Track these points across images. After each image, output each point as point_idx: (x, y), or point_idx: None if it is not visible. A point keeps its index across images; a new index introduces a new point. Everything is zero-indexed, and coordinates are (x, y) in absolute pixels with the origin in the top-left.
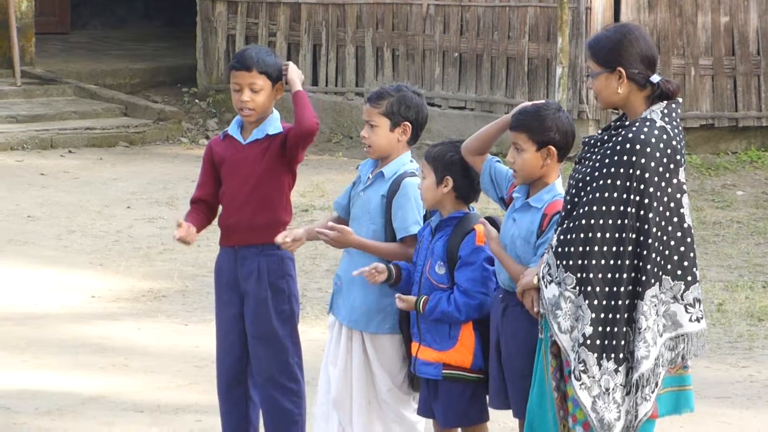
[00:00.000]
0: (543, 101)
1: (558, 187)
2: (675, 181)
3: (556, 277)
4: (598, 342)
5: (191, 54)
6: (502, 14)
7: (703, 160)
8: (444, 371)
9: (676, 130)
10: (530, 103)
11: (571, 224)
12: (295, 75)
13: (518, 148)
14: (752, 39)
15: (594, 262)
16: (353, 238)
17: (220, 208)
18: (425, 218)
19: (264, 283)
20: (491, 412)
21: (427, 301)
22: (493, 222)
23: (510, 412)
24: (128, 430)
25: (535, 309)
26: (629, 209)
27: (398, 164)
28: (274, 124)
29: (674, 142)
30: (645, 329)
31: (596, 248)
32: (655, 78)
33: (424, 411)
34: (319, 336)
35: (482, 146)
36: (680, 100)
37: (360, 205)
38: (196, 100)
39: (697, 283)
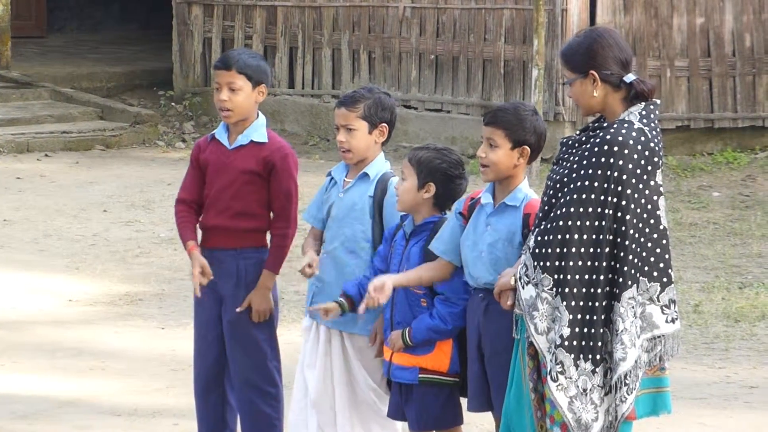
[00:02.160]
0: (519, 101)
1: (525, 188)
2: (652, 183)
3: (533, 278)
4: (575, 343)
5: (167, 57)
6: (478, 16)
7: (679, 161)
8: (420, 375)
9: (654, 132)
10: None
11: (549, 225)
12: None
13: (492, 144)
14: (728, 40)
15: (571, 263)
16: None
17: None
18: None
19: (242, 286)
20: (468, 414)
21: (411, 331)
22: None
23: (486, 414)
24: None
25: (509, 302)
26: (607, 211)
27: (379, 164)
28: (259, 131)
29: (652, 144)
30: (622, 331)
31: (573, 249)
32: (629, 78)
33: (394, 414)
34: (296, 339)
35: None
36: (658, 101)
37: (342, 207)
38: (173, 104)
39: (672, 285)
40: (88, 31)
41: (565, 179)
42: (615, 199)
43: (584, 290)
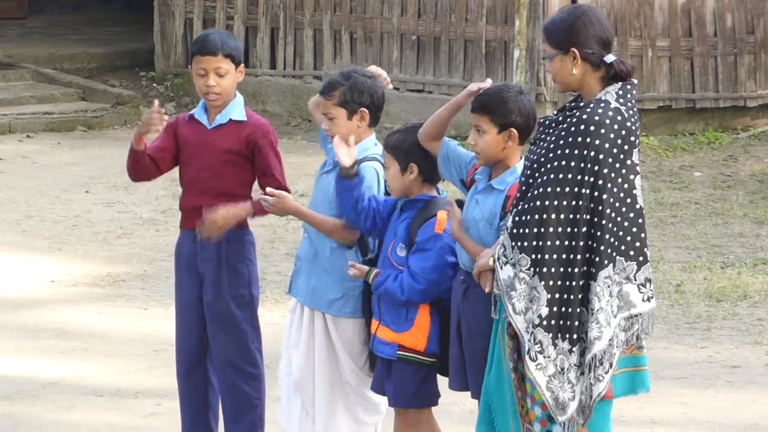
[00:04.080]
0: (504, 83)
1: (520, 169)
2: (629, 162)
3: (511, 259)
4: (553, 322)
5: (149, 38)
6: None
7: (661, 141)
8: (398, 352)
9: (630, 111)
10: (486, 84)
11: (526, 206)
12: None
13: (480, 130)
14: (709, 20)
15: (549, 243)
16: (292, 205)
17: (180, 191)
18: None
19: (223, 266)
20: (451, 393)
21: (377, 275)
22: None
23: (469, 393)
24: (88, 414)
25: (487, 289)
26: (584, 190)
27: (359, 150)
28: (237, 109)
29: (629, 123)
30: (598, 310)
31: (551, 229)
32: (609, 58)
33: (377, 388)
34: (278, 320)
35: (437, 131)
36: (635, 81)
37: (320, 189)
38: (154, 84)
39: (648, 263)
40: (70, 12)
41: (543, 159)
42: (592, 179)
43: (561, 270)
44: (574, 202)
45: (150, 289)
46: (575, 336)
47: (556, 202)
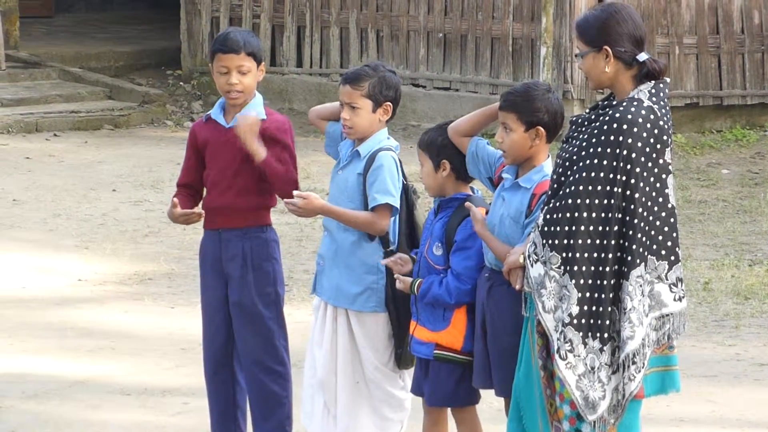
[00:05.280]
0: (533, 81)
1: (547, 167)
2: (661, 161)
3: (542, 256)
4: (584, 321)
5: (176, 36)
6: None
7: (688, 138)
8: (435, 351)
9: (663, 110)
10: (520, 83)
11: (558, 203)
12: (250, 135)
13: (507, 128)
14: (736, 17)
15: (580, 241)
16: (318, 204)
17: (205, 191)
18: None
19: (248, 266)
20: (481, 393)
21: (421, 284)
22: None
23: (493, 391)
24: (115, 413)
25: (518, 286)
26: (616, 189)
27: (374, 142)
28: (257, 108)
29: (661, 122)
30: (630, 309)
31: (582, 228)
32: (642, 56)
33: (416, 389)
34: (305, 318)
35: (470, 129)
36: (668, 80)
37: (338, 184)
38: (181, 83)
39: (680, 263)
40: (96, 11)
41: (575, 157)
42: (624, 178)
43: (593, 268)
44: (605, 201)
45: (177, 287)
46: (606, 335)
47: (587, 201)
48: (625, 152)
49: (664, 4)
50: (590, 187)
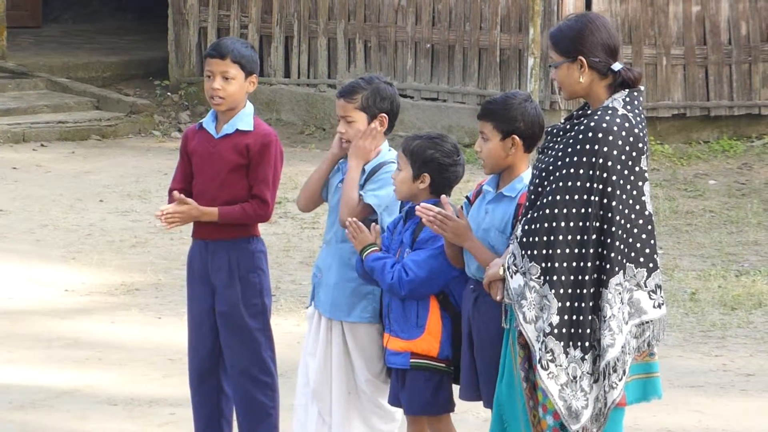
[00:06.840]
0: (513, 91)
1: (527, 177)
2: (637, 168)
3: (521, 267)
4: (564, 331)
5: (163, 47)
6: (474, 5)
7: (675, 149)
8: (411, 360)
9: (638, 118)
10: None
11: (536, 214)
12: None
13: (484, 137)
14: (723, 28)
15: (558, 251)
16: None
17: None
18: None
19: (234, 276)
20: (466, 403)
21: (375, 252)
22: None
23: (482, 402)
24: (102, 423)
25: (498, 297)
26: (593, 198)
27: (378, 158)
28: (246, 120)
29: (636, 130)
30: (610, 317)
31: (560, 237)
32: (617, 66)
33: (393, 401)
34: (293, 329)
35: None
36: (642, 88)
37: (339, 197)
38: (168, 93)
39: (659, 270)
40: (84, 21)
41: (551, 167)
42: (601, 186)
43: (572, 278)
44: (583, 210)
45: (164, 297)
46: (587, 344)
47: (565, 210)
48: (601, 161)
49: (652, 15)
50: (567, 197)
